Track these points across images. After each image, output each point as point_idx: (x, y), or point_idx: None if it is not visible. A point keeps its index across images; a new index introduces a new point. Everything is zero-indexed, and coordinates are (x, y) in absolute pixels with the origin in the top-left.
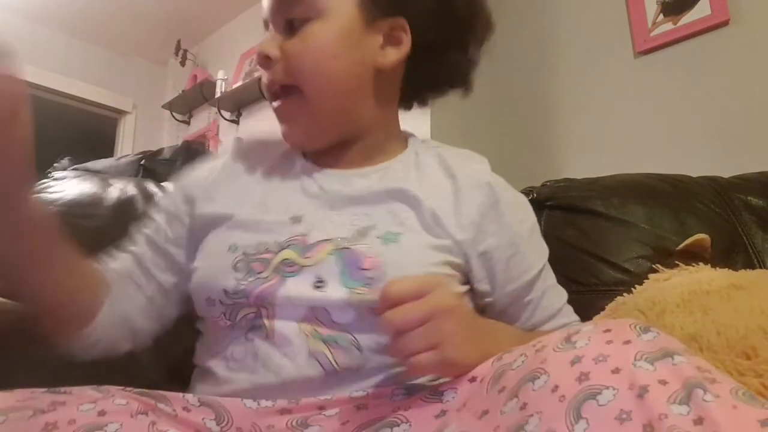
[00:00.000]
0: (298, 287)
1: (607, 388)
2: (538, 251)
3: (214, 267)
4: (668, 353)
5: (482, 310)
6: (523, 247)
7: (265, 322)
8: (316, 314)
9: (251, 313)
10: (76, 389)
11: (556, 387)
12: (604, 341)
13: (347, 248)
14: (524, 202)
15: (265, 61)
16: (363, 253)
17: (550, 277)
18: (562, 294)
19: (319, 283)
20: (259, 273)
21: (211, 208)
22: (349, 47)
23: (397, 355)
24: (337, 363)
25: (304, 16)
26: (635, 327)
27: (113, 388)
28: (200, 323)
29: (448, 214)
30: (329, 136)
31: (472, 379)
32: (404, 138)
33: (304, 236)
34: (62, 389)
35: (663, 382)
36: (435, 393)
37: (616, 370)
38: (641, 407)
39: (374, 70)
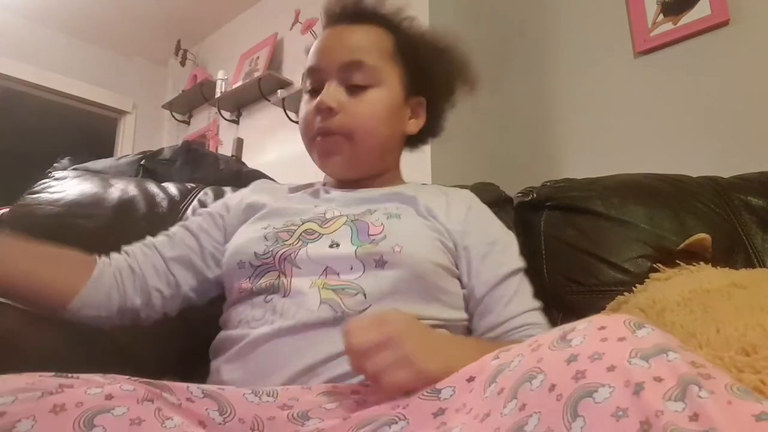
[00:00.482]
0: (316, 249)
1: (603, 385)
2: (514, 257)
3: (248, 238)
4: (663, 349)
5: (467, 303)
6: (500, 248)
7: (284, 281)
8: (328, 272)
9: (273, 278)
10: (83, 375)
11: (553, 386)
12: (599, 339)
13: (358, 219)
14: (505, 227)
15: (327, 111)
16: (371, 223)
17: (525, 285)
18: (536, 300)
19: (333, 245)
20: (285, 240)
21: (248, 200)
22: (393, 116)
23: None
24: (345, 306)
25: (366, 82)
26: (630, 323)
27: (119, 377)
28: (227, 301)
29: (440, 211)
30: (360, 174)
31: (470, 379)
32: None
33: (323, 214)
34: (69, 375)
35: (658, 379)
36: (432, 390)
37: (611, 368)
38: (637, 404)
39: (402, 134)
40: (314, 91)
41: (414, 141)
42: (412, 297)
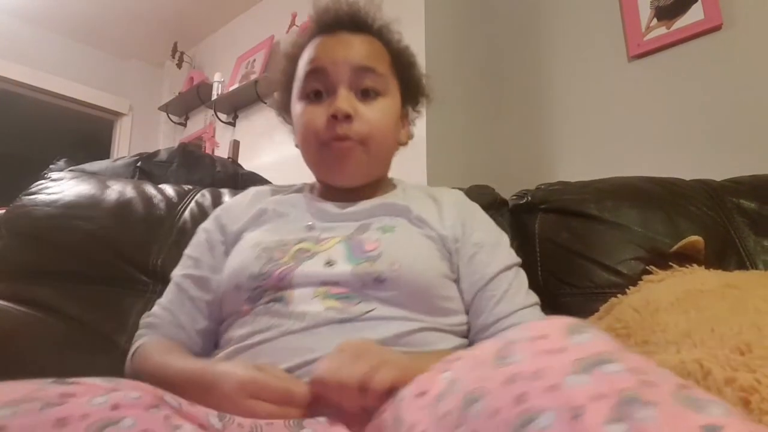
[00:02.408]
0: (312, 267)
1: (544, 411)
2: (504, 255)
3: (242, 259)
4: (602, 360)
5: (463, 300)
6: (488, 248)
7: (284, 294)
8: (327, 284)
9: (272, 294)
10: (83, 380)
11: (496, 411)
12: (538, 352)
13: (352, 237)
14: (495, 226)
15: (345, 118)
16: (366, 239)
17: (518, 283)
18: (530, 296)
19: (329, 263)
20: (279, 259)
21: (238, 225)
22: (396, 126)
23: (353, 390)
24: (349, 312)
25: (376, 89)
26: (569, 328)
27: (121, 380)
28: (225, 319)
29: (433, 218)
30: (365, 182)
31: (420, 394)
32: (393, 182)
33: (316, 235)
34: (70, 380)
35: (598, 398)
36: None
37: (552, 388)
38: (578, 430)
39: (397, 144)
40: (317, 94)
41: None
42: (415, 308)
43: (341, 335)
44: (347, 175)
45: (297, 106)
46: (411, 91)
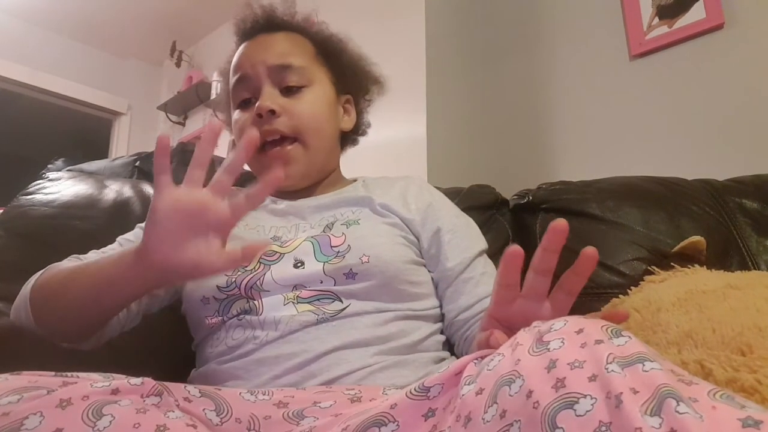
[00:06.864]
0: (281, 270)
1: (585, 396)
2: (477, 238)
3: None
4: (640, 359)
5: (437, 288)
6: (462, 232)
7: (255, 303)
8: (298, 288)
9: (243, 304)
10: (83, 374)
11: (531, 392)
12: (578, 344)
13: (318, 235)
14: (460, 210)
15: (269, 114)
16: (331, 235)
17: (490, 266)
18: None
19: (298, 264)
20: (245, 267)
21: None
22: (331, 113)
23: None
24: (324, 312)
25: (299, 83)
26: (607, 329)
27: (118, 375)
28: (195, 337)
29: (397, 204)
30: (313, 180)
31: (458, 373)
32: (350, 179)
33: (280, 235)
34: (69, 373)
35: (634, 391)
36: (421, 389)
37: (592, 377)
38: (619, 418)
39: (339, 132)
40: (246, 102)
41: (346, 141)
42: (386, 297)
43: (318, 337)
44: (291, 177)
45: (233, 117)
46: (347, 77)
